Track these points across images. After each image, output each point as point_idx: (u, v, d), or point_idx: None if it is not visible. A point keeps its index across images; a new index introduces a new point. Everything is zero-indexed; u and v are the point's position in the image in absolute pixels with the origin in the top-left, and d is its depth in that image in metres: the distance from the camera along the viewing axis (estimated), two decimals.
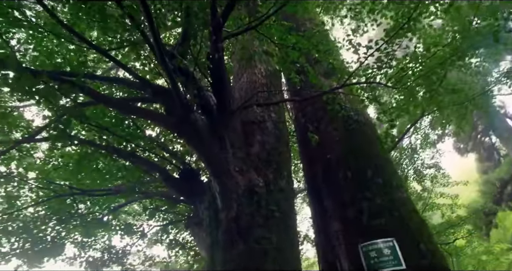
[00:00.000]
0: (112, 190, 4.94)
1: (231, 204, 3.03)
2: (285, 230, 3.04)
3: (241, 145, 3.39)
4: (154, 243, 7.21)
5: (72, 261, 6.83)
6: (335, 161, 3.71)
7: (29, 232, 5.86)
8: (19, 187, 5.84)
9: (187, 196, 3.77)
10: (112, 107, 3.88)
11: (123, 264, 6.71)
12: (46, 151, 6.46)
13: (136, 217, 7.31)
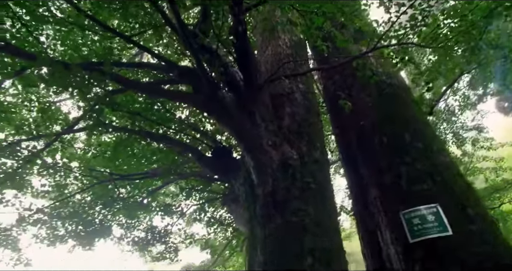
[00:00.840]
0: (149, 173, 5.13)
1: (266, 178, 3.03)
2: (322, 201, 3.01)
3: (272, 119, 3.34)
4: (193, 222, 7.49)
5: (120, 241, 7.32)
6: (370, 128, 3.58)
7: (79, 217, 6.30)
8: (66, 176, 6.24)
9: (222, 173, 3.83)
10: (141, 91, 3.94)
11: (165, 243, 7.09)
12: (85, 141, 6.81)
13: (174, 198, 7.58)
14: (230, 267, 12.46)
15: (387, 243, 3.15)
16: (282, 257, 2.62)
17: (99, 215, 6.51)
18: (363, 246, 3.51)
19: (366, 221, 3.47)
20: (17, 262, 6.97)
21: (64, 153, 6.09)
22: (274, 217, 2.83)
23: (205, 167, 4.04)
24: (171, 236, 7.26)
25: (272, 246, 2.71)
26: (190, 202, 6.74)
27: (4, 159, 6.11)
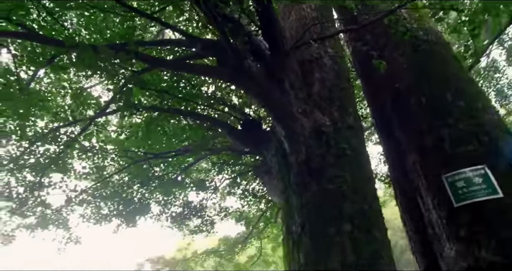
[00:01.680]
0: (181, 150, 5.24)
1: (299, 147, 2.97)
2: (358, 167, 2.91)
3: (301, 86, 3.22)
4: (227, 195, 7.68)
5: (158, 218, 7.70)
6: (406, 89, 3.37)
7: (119, 196, 6.65)
8: (103, 158, 6.55)
9: (252, 146, 3.81)
10: (167, 68, 3.93)
11: (201, 217, 7.38)
12: (117, 124, 7.05)
13: (207, 173, 7.77)
14: (265, 238, 12.85)
15: (428, 209, 3.03)
16: (320, 223, 2.59)
17: (138, 194, 6.84)
18: (402, 212, 3.42)
19: (405, 187, 3.35)
20: (68, 240, 7.57)
21: (99, 137, 6.35)
22: (310, 185, 2.79)
23: (235, 140, 4.03)
24: (207, 210, 7.50)
25: (310, 213, 2.69)
26: (223, 176, 6.87)
27: (47, 145, 6.49)
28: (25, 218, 7.17)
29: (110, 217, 6.98)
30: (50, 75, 6.47)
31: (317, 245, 2.54)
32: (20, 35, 3.87)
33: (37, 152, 6.59)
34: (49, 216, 7.16)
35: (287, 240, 2.86)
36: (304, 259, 2.57)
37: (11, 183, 6.67)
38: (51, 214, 7.08)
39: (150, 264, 12.08)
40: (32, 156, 6.57)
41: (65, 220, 7.33)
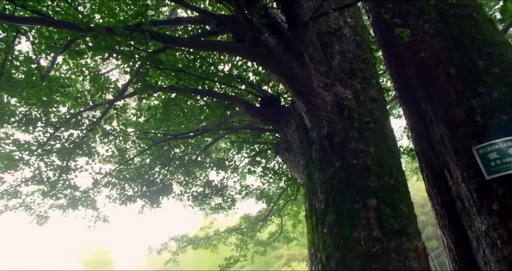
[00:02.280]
0: (200, 130, 5.26)
1: (320, 122, 2.89)
2: (382, 141, 2.82)
3: (321, 59, 3.09)
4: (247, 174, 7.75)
5: (181, 198, 7.91)
6: (432, 58, 3.17)
7: (142, 177, 6.84)
8: (124, 141, 6.71)
9: (272, 122, 3.76)
10: (183, 45, 3.86)
11: (222, 195, 7.53)
12: (136, 107, 7.14)
13: (226, 152, 7.84)
14: (285, 215, 13.05)
15: (457, 182, 2.93)
16: (345, 198, 2.55)
17: (159, 175, 7.02)
18: (429, 186, 3.32)
19: (432, 161, 3.24)
20: (97, 219, 7.93)
21: (120, 120, 6.47)
22: (333, 160, 2.73)
23: (254, 117, 3.98)
24: (227, 189, 7.62)
25: (334, 189, 2.65)
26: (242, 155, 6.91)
27: (71, 130, 6.69)
28: (56, 200, 7.53)
29: (134, 198, 7.23)
30: (69, 62, 6.57)
31: (342, 220, 2.52)
32: (36, 20, 3.88)
33: (62, 137, 6.81)
34: (78, 197, 7.48)
35: (310, 216, 2.86)
36: (328, 235, 2.56)
37: (41, 167, 6.96)
38: (80, 195, 7.40)
39: (174, 242, 12.54)
40: (58, 142, 6.80)
41: (93, 201, 7.66)
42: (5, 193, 6.92)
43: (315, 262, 2.64)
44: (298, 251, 31.23)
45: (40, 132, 6.65)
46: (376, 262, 2.24)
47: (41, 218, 7.55)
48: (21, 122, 6.45)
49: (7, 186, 6.84)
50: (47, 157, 6.88)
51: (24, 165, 6.80)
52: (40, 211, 7.55)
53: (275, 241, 13.95)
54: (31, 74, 6.04)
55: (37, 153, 6.76)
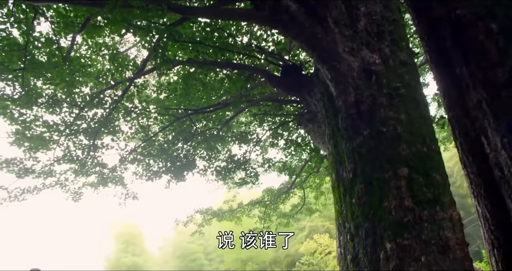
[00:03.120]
0: (220, 104, 5.21)
1: (347, 89, 2.75)
2: (413, 107, 2.66)
3: (346, 22, 2.89)
4: (270, 147, 7.73)
5: (204, 172, 8.06)
6: (469, 16, 2.90)
7: (166, 153, 6.98)
8: (146, 117, 6.79)
9: (295, 92, 3.63)
10: (201, 16, 3.74)
11: (245, 169, 7.60)
12: (156, 84, 7.15)
13: (248, 125, 7.81)
14: (307, 188, 13.13)
15: (495, 149, 2.75)
16: (374, 167, 2.46)
17: (183, 150, 7.13)
18: (463, 154, 3.15)
19: (466, 127, 3.05)
20: (126, 195, 8.26)
21: (141, 97, 6.52)
22: (360, 129, 2.62)
23: (276, 87, 3.87)
24: (250, 163, 7.66)
25: (362, 158, 2.56)
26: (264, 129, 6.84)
27: (95, 109, 6.83)
28: (87, 177, 7.86)
29: (160, 174, 7.43)
30: (88, 41, 6.58)
31: (371, 190, 2.44)
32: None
33: (87, 117, 6.97)
34: (106, 175, 7.78)
35: (337, 187, 2.80)
36: (356, 205, 2.50)
37: (70, 147, 7.21)
38: (108, 173, 7.68)
39: (199, 215, 12.99)
40: (83, 121, 6.98)
41: (121, 178, 7.95)
42: (41, 172, 7.27)
43: (343, 233, 2.62)
44: (320, 223, 31.73)
45: (66, 113, 6.83)
46: (408, 232, 2.17)
47: (75, 194, 7.94)
48: (48, 103, 6.63)
49: (42, 166, 7.17)
50: (74, 136, 7.11)
51: (55, 145, 7.07)
52: (74, 188, 7.93)
53: (298, 213, 14.16)
54: (53, 55, 6.12)
55: (65, 133, 6.98)
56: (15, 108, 6.43)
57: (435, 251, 2.08)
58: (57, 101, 6.76)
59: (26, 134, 6.67)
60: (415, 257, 2.08)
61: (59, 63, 6.11)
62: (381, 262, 2.21)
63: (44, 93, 6.76)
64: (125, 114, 6.61)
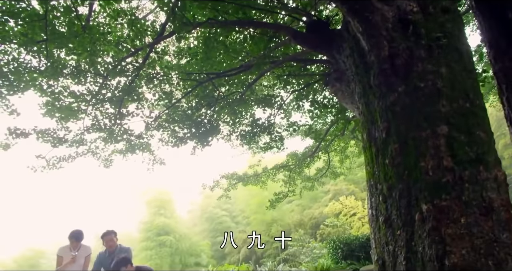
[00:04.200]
0: (243, 66, 5.03)
1: (380, 42, 2.52)
2: (456, 58, 2.41)
3: None
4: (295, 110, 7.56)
5: (229, 137, 8.11)
6: None
7: (190, 119, 7.00)
8: (169, 84, 6.76)
9: (322, 49, 3.40)
10: None
11: (270, 133, 7.54)
12: (176, 49, 7.01)
13: (272, 88, 7.63)
14: (332, 151, 13.03)
15: None
16: (409, 125, 2.30)
17: (206, 116, 7.12)
18: (509, 111, 2.90)
19: None
20: (154, 162, 8.53)
21: (162, 63, 6.43)
22: (395, 85, 2.43)
23: (302, 45, 3.64)
24: (275, 127, 7.57)
25: (396, 116, 2.39)
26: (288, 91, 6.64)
27: (118, 77, 6.86)
28: (116, 145, 8.13)
29: (185, 140, 7.53)
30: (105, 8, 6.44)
31: (406, 150, 2.31)
32: None
33: (111, 86, 7.04)
34: (134, 142, 8.00)
35: (369, 147, 2.67)
36: (390, 166, 2.39)
37: (97, 116, 7.40)
38: (135, 140, 7.89)
39: (225, 180, 13.34)
40: (108, 90, 7.06)
41: (147, 144, 8.16)
42: (73, 141, 7.57)
43: (375, 194, 2.54)
44: (344, 186, 31.93)
45: (91, 83, 6.92)
46: (447, 193, 2.05)
47: (106, 161, 8.29)
48: (73, 74, 6.71)
49: (73, 135, 7.45)
50: (101, 105, 7.25)
51: (83, 115, 7.27)
52: (104, 156, 8.26)
53: (322, 177, 14.21)
54: (72, 24, 6.06)
55: (92, 102, 7.13)
56: (43, 80, 6.58)
57: (476, 212, 1.97)
58: (81, 71, 6.83)
59: (56, 105, 6.87)
60: (454, 219, 1.98)
61: (79, 32, 6.07)
62: (416, 223, 2.13)
63: (68, 63, 6.83)
64: (147, 81, 6.59)
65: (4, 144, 6.42)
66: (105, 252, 6.00)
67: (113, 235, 6.02)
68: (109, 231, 6.07)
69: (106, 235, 5.98)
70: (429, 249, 2.02)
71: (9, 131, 6.49)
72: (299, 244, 23.25)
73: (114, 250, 5.95)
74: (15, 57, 6.19)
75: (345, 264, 9.02)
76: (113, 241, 5.98)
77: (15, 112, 6.30)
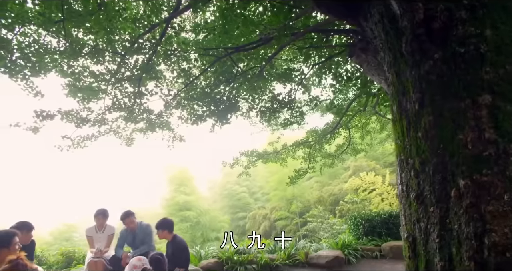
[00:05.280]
0: (262, 40, 4.83)
1: (414, 4, 2.29)
2: (504, 18, 2.14)
3: None
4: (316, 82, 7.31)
5: (248, 114, 8.01)
6: None
7: (209, 96, 6.93)
8: (186, 60, 6.66)
9: (348, 16, 3.16)
10: None
11: (291, 108, 7.38)
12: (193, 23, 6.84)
13: (292, 61, 7.37)
14: (353, 127, 12.75)
15: None
16: (446, 95, 2.12)
17: (225, 93, 7.02)
18: None
19: None
20: (174, 139, 8.61)
21: (179, 39, 6.31)
22: (430, 52, 2.22)
23: (326, 13, 3.40)
24: (295, 102, 7.39)
25: (431, 86, 2.20)
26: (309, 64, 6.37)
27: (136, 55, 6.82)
28: (136, 124, 8.24)
29: (204, 117, 7.52)
30: None
31: (442, 122, 2.13)
32: None
33: (129, 64, 7.02)
34: (153, 120, 8.07)
35: (399, 120, 2.51)
36: (423, 139, 2.23)
37: (117, 95, 7.46)
38: (155, 118, 7.95)
39: (245, 158, 13.40)
40: (126, 69, 7.06)
41: (167, 122, 8.22)
42: (95, 121, 7.72)
43: (405, 169, 2.40)
44: (364, 162, 31.60)
45: (110, 62, 6.93)
46: (488, 167, 1.89)
47: (127, 140, 8.44)
48: (91, 53, 6.72)
49: (95, 115, 7.58)
50: (120, 84, 7.29)
51: (104, 94, 7.34)
52: (126, 135, 8.41)
53: (343, 154, 14.02)
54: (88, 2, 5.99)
55: (111, 82, 7.17)
56: (63, 60, 6.64)
57: None
58: (99, 51, 6.83)
59: (77, 85, 6.96)
60: (495, 195, 1.84)
61: (95, 10, 6.02)
62: (452, 200, 2.00)
63: (86, 43, 6.84)
64: (165, 58, 6.51)
65: (33, 127, 6.62)
66: (126, 230, 6.30)
67: (132, 217, 6.29)
68: (127, 213, 6.32)
69: (125, 217, 6.25)
70: (466, 227, 1.90)
71: (36, 114, 6.67)
72: (318, 220, 23.51)
73: (135, 228, 6.24)
74: (36, 39, 6.24)
75: (366, 240, 9.01)
76: (134, 223, 6.26)
77: (40, 94, 6.43)
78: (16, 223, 4.88)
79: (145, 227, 6.24)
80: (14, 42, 5.88)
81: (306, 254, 7.76)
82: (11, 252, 3.39)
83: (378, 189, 21.09)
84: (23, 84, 6.12)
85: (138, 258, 3.76)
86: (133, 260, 3.78)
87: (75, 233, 30.44)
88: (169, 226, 5.88)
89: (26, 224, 4.97)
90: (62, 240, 28.37)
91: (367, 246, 8.51)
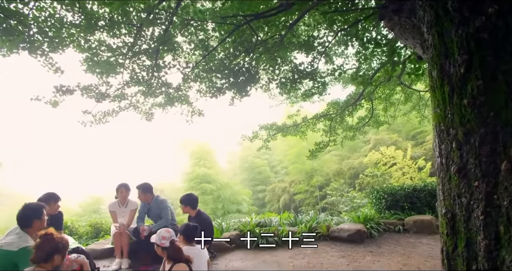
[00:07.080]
0: (283, 5, 4.50)
1: None
2: None
3: None
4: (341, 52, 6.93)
5: (268, 86, 7.76)
6: None
7: (228, 68, 6.71)
8: (204, 30, 6.40)
9: None
10: None
11: (313, 79, 7.06)
12: None
13: (316, 28, 6.95)
14: (376, 99, 12.26)
15: None
16: (500, 56, 1.86)
17: (244, 64, 6.77)
18: None
19: None
20: (193, 113, 8.54)
21: (195, 8, 6.03)
22: (483, 6, 1.93)
23: None
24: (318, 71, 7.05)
25: (482, 45, 1.94)
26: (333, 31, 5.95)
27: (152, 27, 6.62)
28: (155, 98, 8.18)
29: (223, 90, 7.35)
30: None
31: (493, 86, 1.89)
32: None
33: (145, 36, 6.85)
34: (172, 94, 7.98)
35: (440, 86, 2.26)
36: (469, 107, 2.00)
37: (135, 69, 7.36)
38: (173, 92, 7.86)
39: (264, 131, 13.26)
40: (143, 41, 6.89)
41: (186, 96, 8.12)
42: (115, 96, 7.72)
43: (446, 140, 2.19)
44: (386, 135, 30.92)
45: (126, 35, 6.77)
46: None
47: (147, 114, 8.45)
48: (107, 26, 6.57)
49: (114, 90, 7.56)
50: (137, 58, 7.16)
51: (122, 69, 7.26)
52: (145, 109, 8.41)
53: (365, 126, 13.63)
54: None
55: (128, 55, 7.05)
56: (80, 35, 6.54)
57: None
58: (114, 23, 6.66)
59: (95, 60, 6.90)
60: None
61: None
62: (502, 174, 1.81)
63: (101, 16, 6.69)
64: (182, 29, 6.28)
65: (53, 101, 6.69)
66: (143, 202, 6.48)
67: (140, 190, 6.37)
68: (139, 186, 6.41)
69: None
70: None
71: (56, 89, 6.71)
72: (338, 194, 23.53)
73: (151, 201, 6.37)
74: (51, 13, 6.14)
75: (388, 214, 8.89)
76: (146, 197, 6.33)
77: (59, 70, 6.42)
78: (44, 195, 5.04)
79: (160, 201, 6.32)
80: (30, 16, 5.81)
81: (328, 227, 7.75)
82: (42, 222, 3.73)
83: (399, 163, 20.69)
84: (42, 61, 6.11)
85: (167, 230, 3.82)
86: (162, 231, 3.85)
87: (102, 205, 32.02)
88: (192, 202, 5.93)
89: (53, 195, 5.13)
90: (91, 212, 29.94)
91: (389, 220, 8.40)
